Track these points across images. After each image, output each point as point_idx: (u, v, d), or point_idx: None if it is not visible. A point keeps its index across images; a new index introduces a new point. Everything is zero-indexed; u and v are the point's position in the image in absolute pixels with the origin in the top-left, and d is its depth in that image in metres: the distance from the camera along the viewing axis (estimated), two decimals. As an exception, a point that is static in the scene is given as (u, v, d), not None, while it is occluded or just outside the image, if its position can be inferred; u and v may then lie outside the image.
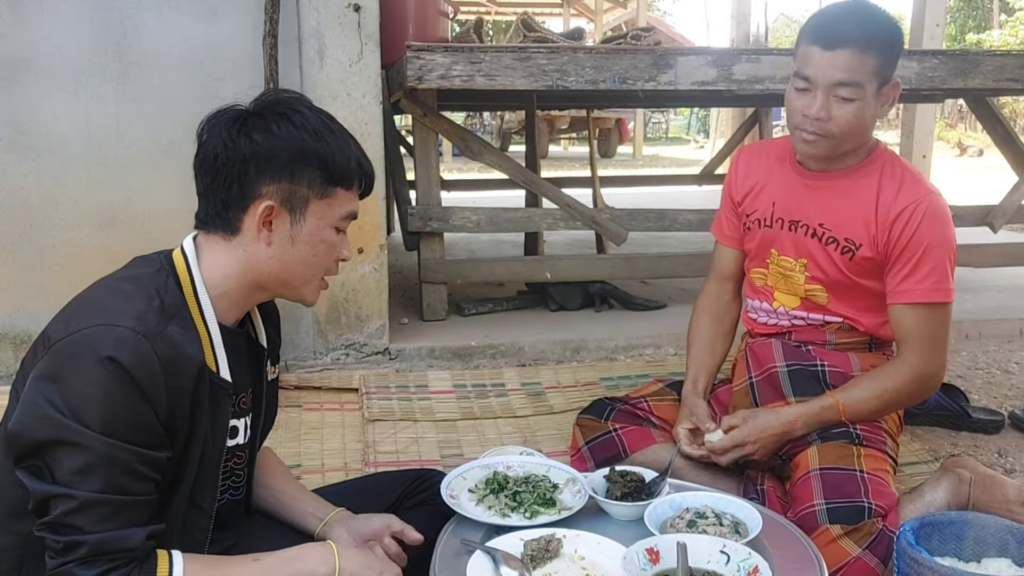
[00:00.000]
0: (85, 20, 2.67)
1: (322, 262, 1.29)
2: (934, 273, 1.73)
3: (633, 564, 1.28)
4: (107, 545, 1.08)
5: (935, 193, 1.77)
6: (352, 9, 2.75)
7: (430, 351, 3.02)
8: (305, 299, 1.33)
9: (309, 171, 1.22)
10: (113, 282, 1.23)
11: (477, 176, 9.09)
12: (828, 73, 1.66)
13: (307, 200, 1.24)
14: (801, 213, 1.86)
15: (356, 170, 1.27)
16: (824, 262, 1.84)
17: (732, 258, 2.07)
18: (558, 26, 14.03)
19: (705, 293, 2.11)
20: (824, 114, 1.68)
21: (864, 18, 1.68)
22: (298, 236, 1.25)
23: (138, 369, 1.09)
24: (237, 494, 1.40)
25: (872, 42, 1.65)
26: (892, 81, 1.72)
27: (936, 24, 6.63)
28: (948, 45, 13.98)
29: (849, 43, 1.64)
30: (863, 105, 1.68)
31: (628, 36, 3.70)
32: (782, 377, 1.90)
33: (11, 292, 2.77)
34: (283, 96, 1.27)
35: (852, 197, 1.80)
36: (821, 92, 1.68)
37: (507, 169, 3.52)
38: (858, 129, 1.72)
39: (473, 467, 1.66)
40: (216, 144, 1.21)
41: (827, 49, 1.65)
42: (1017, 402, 2.72)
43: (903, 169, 1.80)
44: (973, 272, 4.09)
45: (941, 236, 1.74)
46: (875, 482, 1.65)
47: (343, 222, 1.29)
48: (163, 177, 2.74)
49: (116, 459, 1.08)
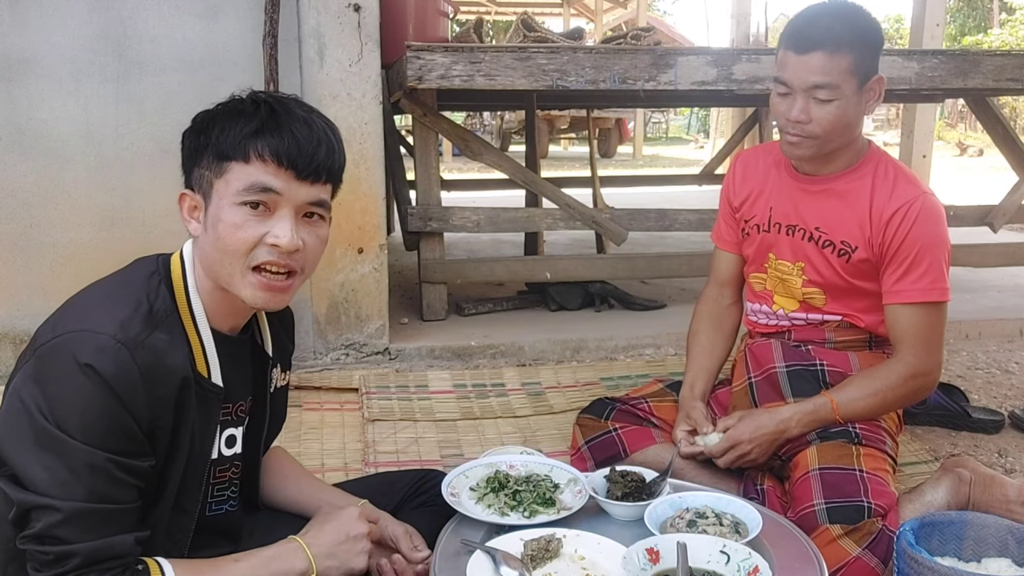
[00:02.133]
0: (85, 20, 2.67)
1: (230, 245, 1.17)
2: (929, 273, 1.74)
3: (633, 564, 1.28)
4: (98, 554, 1.08)
5: (928, 193, 1.77)
6: (352, 9, 2.75)
7: (430, 351, 3.02)
8: (245, 299, 1.20)
9: (206, 152, 1.19)
10: (106, 285, 1.22)
11: (477, 176, 9.09)
12: (803, 77, 1.67)
13: (210, 182, 1.19)
14: (797, 217, 1.87)
15: (248, 142, 1.16)
16: (821, 265, 1.85)
17: (731, 263, 2.07)
18: (558, 26, 14.03)
19: (705, 298, 2.11)
20: (804, 116, 1.70)
21: (835, 19, 1.68)
22: (208, 221, 1.20)
23: (116, 378, 1.07)
24: (235, 506, 1.38)
25: (843, 42, 1.66)
26: (875, 76, 1.72)
27: (936, 24, 6.63)
28: (948, 45, 13.97)
29: (820, 46, 1.65)
30: (843, 104, 1.69)
31: (628, 36, 3.71)
32: (781, 377, 1.90)
33: (11, 292, 2.77)
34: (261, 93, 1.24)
35: (846, 200, 1.80)
36: (800, 95, 1.69)
37: (507, 169, 3.52)
38: (841, 127, 1.73)
39: (475, 465, 1.66)
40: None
41: (800, 53, 1.67)
42: (1017, 402, 2.72)
43: (896, 170, 1.80)
44: (973, 272, 4.10)
45: (935, 236, 1.74)
46: (875, 481, 1.65)
47: (245, 195, 1.16)
48: (163, 177, 2.73)
49: (98, 468, 1.08)
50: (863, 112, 1.75)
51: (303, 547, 1.28)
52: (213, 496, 1.32)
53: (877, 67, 1.73)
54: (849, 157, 1.81)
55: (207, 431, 1.24)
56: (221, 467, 1.31)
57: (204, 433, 1.23)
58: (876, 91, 1.74)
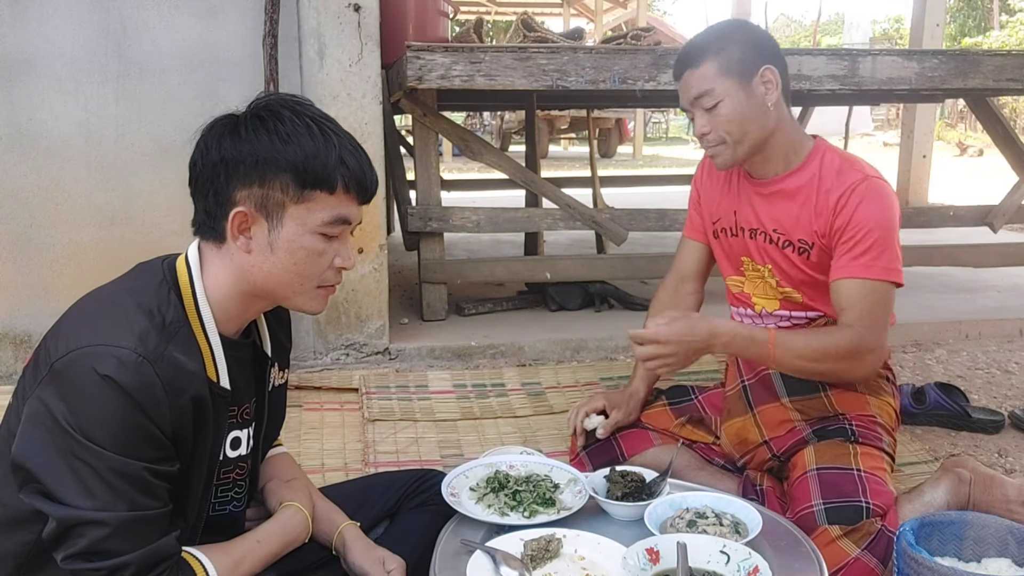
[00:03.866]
0: (85, 20, 2.67)
1: (306, 270, 1.22)
2: (873, 250, 1.71)
3: (633, 564, 1.28)
4: (150, 559, 1.10)
5: (874, 177, 1.76)
6: (352, 9, 2.75)
7: (430, 351, 3.02)
8: (302, 308, 1.28)
9: (280, 175, 1.17)
10: (113, 295, 1.21)
11: (477, 176, 9.09)
12: (686, 96, 1.79)
13: (283, 205, 1.18)
14: (757, 221, 1.89)
15: (336, 172, 1.19)
16: (786, 265, 1.86)
17: (696, 253, 2.07)
18: (558, 26, 14.04)
19: (664, 289, 2.11)
20: (706, 128, 1.78)
21: (692, 42, 1.82)
22: (277, 243, 1.19)
23: (140, 391, 1.08)
24: (240, 506, 1.39)
25: (701, 53, 1.76)
26: (759, 70, 1.74)
27: (936, 24, 6.65)
28: (948, 45, 13.98)
29: (685, 67, 1.78)
30: (730, 102, 1.73)
31: (628, 36, 3.71)
32: (775, 377, 1.91)
33: (11, 292, 2.77)
34: (273, 99, 1.23)
35: (796, 199, 1.82)
36: (695, 113, 1.79)
37: (507, 169, 3.52)
38: (741, 123, 1.75)
39: (475, 466, 1.66)
40: (195, 152, 1.21)
41: (678, 80, 1.82)
42: (1017, 402, 2.72)
43: (842, 159, 1.81)
44: (973, 272, 4.10)
45: (880, 217, 1.72)
46: (872, 481, 1.65)
47: (329, 227, 1.21)
48: (163, 177, 2.74)
49: (134, 476, 1.09)
50: (765, 104, 1.75)
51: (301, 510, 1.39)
52: (217, 497, 1.33)
53: (760, 61, 1.74)
54: (787, 155, 1.82)
55: (217, 435, 1.24)
56: (225, 468, 1.32)
57: (215, 437, 1.24)
58: (770, 80, 1.75)
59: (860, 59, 3.09)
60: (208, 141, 1.20)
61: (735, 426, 1.93)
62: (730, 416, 1.96)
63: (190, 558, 1.18)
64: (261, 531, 1.34)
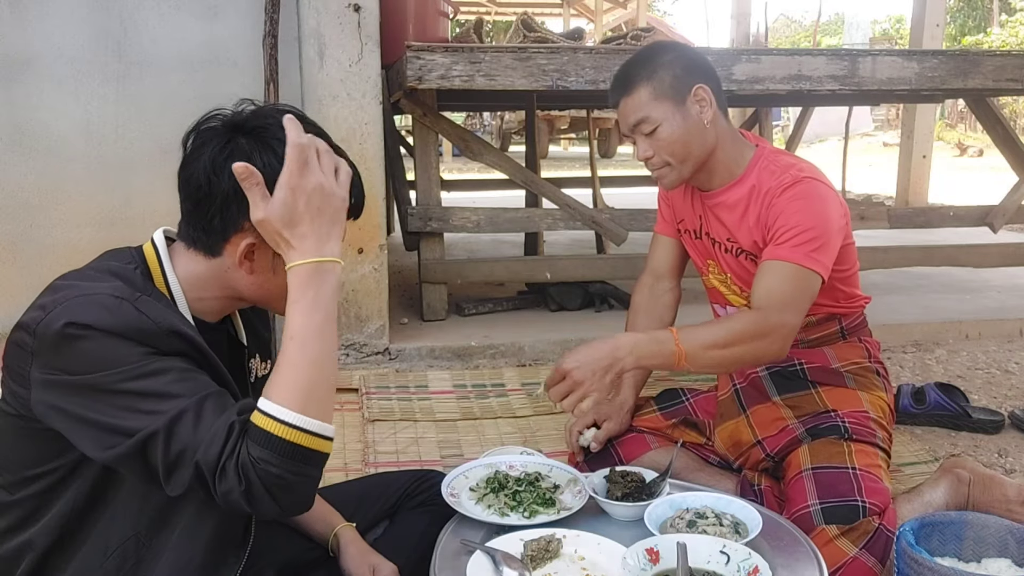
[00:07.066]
0: (85, 20, 2.67)
1: None
2: (797, 238, 1.71)
3: (633, 564, 1.28)
4: (244, 406, 1.08)
5: (811, 178, 1.76)
6: (352, 9, 2.75)
7: (430, 351, 3.02)
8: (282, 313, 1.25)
9: None
10: (82, 270, 1.21)
11: (477, 176, 9.10)
12: (625, 124, 1.81)
13: None
14: (713, 231, 1.91)
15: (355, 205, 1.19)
16: (743, 273, 1.87)
17: (669, 248, 2.07)
18: (558, 26, 14.03)
19: (640, 288, 2.10)
20: (648, 152, 1.79)
21: (621, 70, 1.81)
22: (280, 267, 1.17)
23: (125, 325, 1.06)
24: None
25: (631, 81, 1.77)
26: (691, 89, 1.75)
27: (936, 24, 6.65)
28: (948, 45, 13.97)
29: (619, 95, 1.80)
30: (668, 126, 1.75)
31: (628, 36, 3.71)
32: (764, 380, 1.92)
33: (11, 292, 2.77)
34: (271, 120, 1.17)
35: (738, 208, 1.83)
36: (636, 138, 1.82)
37: (507, 169, 3.53)
38: (683, 144, 1.77)
39: (475, 466, 1.66)
40: (200, 172, 1.17)
41: (615, 107, 1.83)
42: (1017, 402, 2.72)
43: (778, 164, 1.81)
44: (973, 272, 4.10)
45: (811, 212, 1.72)
46: (868, 479, 1.65)
47: None
48: (163, 177, 2.72)
49: (175, 368, 1.07)
50: (702, 122, 1.76)
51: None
52: None
53: (691, 81, 1.75)
54: (729, 167, 1.83)
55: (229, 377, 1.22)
56: None
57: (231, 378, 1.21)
58: (704, 98, 1.76)
59: (860, 59, 3.09)
60: (216, 164, 1.15)
61: (728, 429, 1.94)
62: (723, 420, 1.96)
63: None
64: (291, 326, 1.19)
